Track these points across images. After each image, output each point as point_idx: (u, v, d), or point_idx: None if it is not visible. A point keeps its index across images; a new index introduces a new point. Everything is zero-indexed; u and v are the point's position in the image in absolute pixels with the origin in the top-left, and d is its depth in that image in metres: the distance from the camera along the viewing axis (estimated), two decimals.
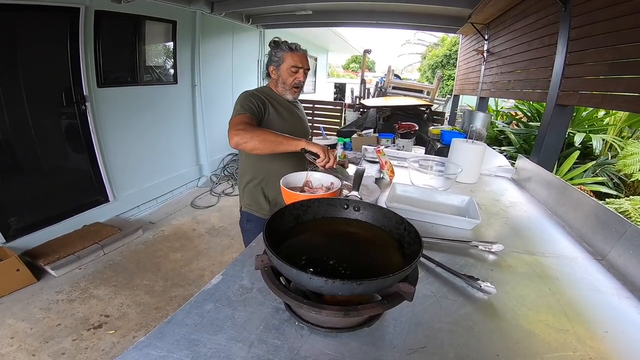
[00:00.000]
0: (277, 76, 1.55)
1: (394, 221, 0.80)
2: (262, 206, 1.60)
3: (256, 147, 1.24)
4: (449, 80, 12.93)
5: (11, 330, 2.15)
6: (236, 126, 1.28)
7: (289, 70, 1.51)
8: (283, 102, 1.58)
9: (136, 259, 3.03)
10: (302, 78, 1.56)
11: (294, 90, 1.57)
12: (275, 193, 1.56)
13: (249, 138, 1.23)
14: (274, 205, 1.59)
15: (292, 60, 1.50)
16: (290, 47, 1.51)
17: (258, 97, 1.47)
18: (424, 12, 4.42)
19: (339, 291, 0.55)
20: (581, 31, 1.97)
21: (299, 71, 1.53)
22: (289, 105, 1.61)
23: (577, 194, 1.35)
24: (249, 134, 1.23)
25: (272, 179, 1.55)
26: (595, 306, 0.84)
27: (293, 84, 1.54)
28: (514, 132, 3.94)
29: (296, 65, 1.51)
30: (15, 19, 2.69)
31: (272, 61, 1.54)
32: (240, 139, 1.23)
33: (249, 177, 1.60)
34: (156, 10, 3.80)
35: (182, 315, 0.70)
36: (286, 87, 1.55)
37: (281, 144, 1.24)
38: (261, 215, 1.60)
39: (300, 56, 1.53)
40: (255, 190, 1.59)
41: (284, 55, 1.50)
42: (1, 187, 2.77)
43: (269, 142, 1.23)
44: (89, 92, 3.23)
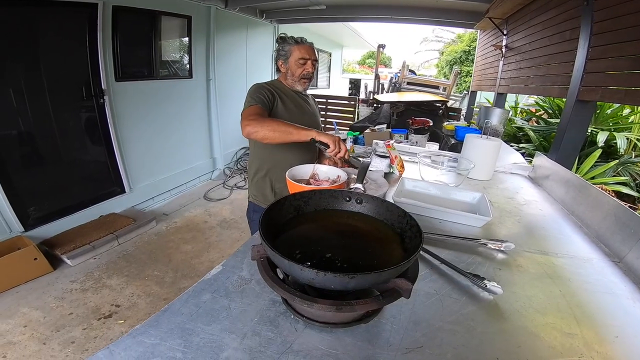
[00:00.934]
0: (285, 69, 1.59)
1: (397, 215, 0.77)
2: (267, 197, 1.63)
3: (267, 136, 1.27)
4: (467, 77, 12.68)
5: (25, 319, 2.21)
6: (248, 116, 1.32)
7: (297, 62, 1.55)
8: (292, 95, 1.60)
9: (148, 250, 3.09)
10: (311, 69, 1.58)
11: (304, 82, 1.60)
12: (282, 185, 1.57)
13: (259, 127, 1.26)
14: (280, 197, 1.58)
15: (300, 53, 1.54)
16: (297, 41, 1.55)
17: (267, 89, 1.50)
18: (440, 6, 4.33)
19: (330, 284, 0.53)
20: (603, 25, 1.90)
21: (307, 62, 1.56)
22: (298, 99, 1.63)
23: (596, 193, 1.29)
24: (260, 124, 1.27)
25: (279, 170, 1.56)
26: (608, 309, 0.79)
27: (302, 75, 1.57)
28: (533, 129, 3.82)
29: (303, 57, 1.54)
30: (37, 14, 2.76)
31: (280, 55, 1.59)
32: (252, 128, 1.27)
33: (256, 167, 1.63)
34: (171, 6, 3.85)
35: (179, 304, 0.70)
36: (295, 79, 1.58)
37: (291, 134, 1.26)
38: (266, 207, 1.60)
39: (306, 48, 1.55)
40: (262, 182, 1.62)
41: (291, 48, 1.54)
42: (22, 177, 2.86)
43: (279, 131, 1.26)
44: (107, 86, 3.30)
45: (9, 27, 2.62)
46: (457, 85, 10.84)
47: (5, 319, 2.20)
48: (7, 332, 2.11)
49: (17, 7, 2.61)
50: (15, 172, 2.80)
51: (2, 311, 2.27)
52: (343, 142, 1.26)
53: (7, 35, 2.61)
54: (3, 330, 2.11)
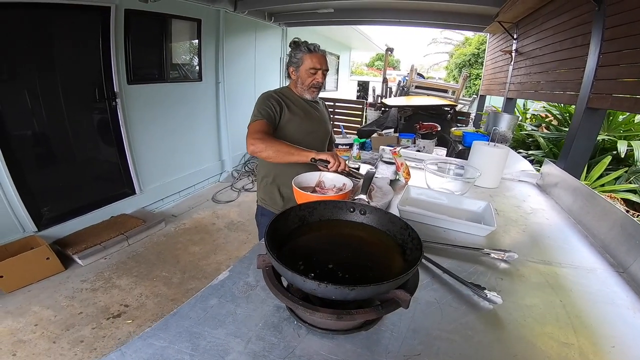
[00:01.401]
0: (296, 77, 1.59)
1: (399, 226, 0.79)
2: (276, 202, 1.65)
3: (270, 157, 1.33)
4: (477, 80, 12.57)
5: (36, 318, 2.26)
6: (253, 134, 1.37)
7: (308, 72, 1.55)
8: (301, 103, 1.62)
9: (157, 251, 3.14)
10: (321, 79, 1.59)
11: (313, 91, 1.61)
12: (289, 190, 1.59)
13: (263, 148, 1.33)
14: (287, 201, 1.64)
15: (311, 62, 1.54)
16: (309, 49, 1.54)
17: (276, 99, 1.53)
18: (449, 10, 4.31)
19: (332, 295, 0.55)
20: (616, 31, 1.88)
21: (318, 72, 1.57)
22: (308, 106, 1.64)
23: (604, 203, 1.28)
24: (264, 144, 1.33)
25: (286, 176, 1.57)
26: (607, 320, 0.80)
27: (311, 84, 1.58)
28: (543, 135, 3.79)
29: (315, 66, 1.54)
30: (51, 17, 2.83)
31: (291, 62, 1.58)
32: (256, 148, 1.34)
33: (264, 172, 1.66)
34: (182, 9, 3.91)
35: (187, 308, 0.73)
36: (304, 88, 1.59)
37: (292, 155, 1.32)
38: (274, 211, 1.65)
39: (319, 57, 1.55)
40: (271, 187, 1.65)
41: (303, 56, 1.54)
42: (36, 177, 2.93)
43: (281, 152, 1.32)
44: (120, 89, 3.36)
45: (25, 29, 2.68)
46: (467, 89, 10.77)
47: (17, 317, 2.24)
48: (18, 330, 2.14)
49: (33, 9, 2.67)
50: (29, 172, 2.87)
51: (14, 309, 2.31)
52: (338, 156, 1.30)
53: (23, 37, 2.68)
54: (14, 329, 2.15)
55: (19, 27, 2.64)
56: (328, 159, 1.27)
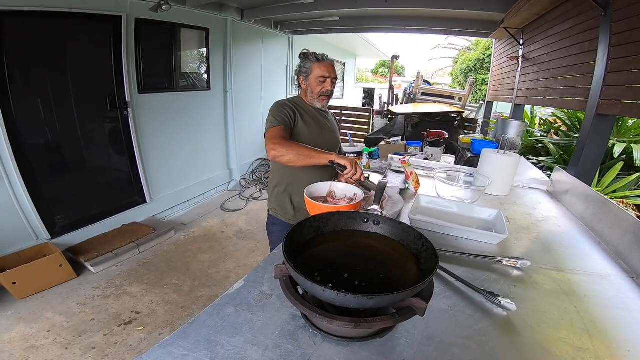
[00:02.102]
0: (306, 86, 1.63)
1: (413, 236, 0.81)
2: (287, 211, 1.67)
3: (292, 161, 1.34)
4: (483, 85, 12.55)
5: (49, 324, 2.29)
6: (273, 140, 1.39)
7: (317, 80, 1.59)
8: (312, 112, 1.65)
9: (167, 259, 3.17)
10: (330, 87, 1.62)
11: (322, 99, 1.64)
12: (301, 199, 1.60)
13: (285, 152, 1.34)
14: (298, 211, 1.66)
15: (320, 71, 1.58)
16: (318, 58, 1.59)
17: (289, 107, 1.56)
18: (454, 16, 4.33)
19: (350, 304, 0.56)
20: (623, 37, 1.87)
21: (327, 80, 1.60)
22: (318, 116, 1.67)
23: (616, 209, 1.28)
24: (285, 148, 1.34)
25: (298, 185, 1.59)
26: (622, 325, 0.80)
27: (321, 92, 1.61)
28: (552, 141, 3.76)
29: (323, 75, 1.58)
30: (64, 26, 2.89)
31: (301, 72, 1.63)
32: (278, 152, 1.35)
33: (276, 182, 1.68)
34: (190, 18, 3.98)
35: (204, 317, 0.74)
36: (314, 96, 1.63)
37: (313, 158, 1.33)
38: (286, 220, 1.67)
39: (327, 66, 1.59)
40: (282, 196, 1.66)
41: (312, 65, 1.58)
42: (50, 186, 2.99)
43: (302, 155, 1.33)
44: (131, 98, 3.43)
45: (38, 37, 2.75)
46: (473, 95, 10.75)
47: (30, 323, 2.28)
48: (30, 336, 2.17)
49: (45, 17, 2.73)
50: (42, 180, 2.92)
51: (27, 315, 2.35)
52: (357, 165, 1.30)
53: (36, 45, 2.74)
54: (27, 335, 2.18)
55: (32, 35, 2.70)
56: (346, 165, 1.28)
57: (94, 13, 3.01)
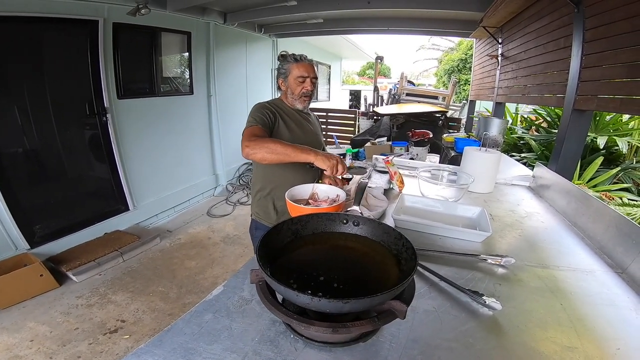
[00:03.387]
0: (286, 87, 1.61)
1: (393, 237, 0.79)
2: (270, 215, 1.63)
3: (265, 158, 1.28)
4: (466, 85, 12.74)
5: (31, 333, 2.23)
6: (248, 137, 1.34)
7: (296, 81, 1.56)
8: (294, 114, 1.62)
9: (153, 266, 3.10)
10: (310, 87, 1.59)
11: (303, 100, 1.61)
12: (284, 203, 1.57)
13: (258, 148, 1.28)
14: (281, 215, 1.61)
15: (298, 71, 1.55)
16: (296, 58, 1.56)
17: (269, 109, 1.52)
18: (435, 17, 4.39)
19: (326, 309, 0.54)
20: (596, 32, 1.89)
21: (306, 80, 1.57)
22: (300, 117, 1.64)
23: (597, 203, 1.29)
24: (259, 145, 1.29)
25: (281, 189, 1.54)
26: (610, 322, 0.79)
27: (301, 93, 1.58)
28: (534, 138, 3.83)
29: (302, 75, 1.55)
30: (39, 31, 2.82)
31: (280, 74, 1.60)
32: (251, 149, 1.29)
33: (259, 186, 1.65)
34: (171, 22, 3.93)
35: (182, 324, 0.72)
36: (295, 97, 1.60)
37: (289, 156, 1.26)
38: (268, 224, 1.63)
39: (305, 66, 1.56)
40: (265, 200, 1.63)
41: (290, 66, 1.56)
42: (27, 195, 2.90)
43: (276, 153, 1.27)
44: (110, 104, 3.35)
45: (13, 44, 2.67)
46: (457, 94, 10.91)
47: (12, 333, 2.22)
48: (13, 345, 2.12)
49: (20, 23, 2.66)
50: (20, 189, 2.84)
51: (9, 325, 2.29)
52: (342, 161, 1.26)
53: (11, 52, 2.66)
54: (10, 344, 2.13)
55: (6, 41, 2.63)
56: (325, 169, 1.23)
57: (70, 18, 2.94)
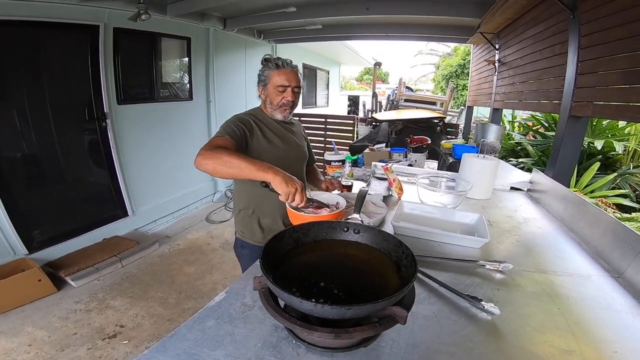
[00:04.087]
0: (265, 96, 1.48)
1: (393, 244, 0.81)
2: (255, 234, 1.53)
3: (216, 170, 1.12)
4: (464, 90, 12.81)
5: (29, 338, 2.23)
6: (206, 146, 1.18)
7: (276, 90, 1.43)
8: (274, 125, 1.50)
9: (152, 272, 3.10)
10: (290, 98, 1.45)
11: (283, 110, 1.48)
12: (269, 221, 1.52)
13: (210, 159, 1.11)
14: (267, 232, 1.52)
15: (279, 79, 1.42)
16: (277, 64, 1.42)
17: (246, 121, 1.39)
18: (433, 23, 4.43)
19: (329, 315, 0.56)
20: (592, 39, 1.91)
21: (287, 90, 1.43)
22: (281, 128, 1.52)
23: (594, 209, 1.31)
24: (213, 155, 1.12)
25: (265, 207, 1.49)
26: (607, 325, 0.81)
27: (280, 103, 1.46)
28: (531, 143, 3.86)
29: (282, 84, 1.42)
30: (40, 35, 2.83)
31: (260, 81, 1.48)
32: (202, 158, 1.12)
33: (242, 205, 1.54)
34: (171, 28, 3.95)
35: (185, 330, 0.73)
36: (274, 107, 1.47)
37: (242, 171, 1.09)
38: (255, 243, 1.54)
39: (287, 73, 1.42)
40: (249, 219, 1.53)
41: (270, 73, 1.43)
42: (26, 200, 2.90)
43: (229, 166, 1.10)
44: (110, 109, 3.36)
45: (14, 47, 2.68)
46: (455, 99, 10.97)
47: (10, 338, 2.22)
48: (11, 350, 2.12)
49: (21, 27, 2.67)
50: (19, 194, 2.84)
51: (7, 330, 2.29)
52: (301, 192, 1.08)
53: (11, 55, 2.67)
54: (8, 349, 2.13)
55: (7, 45, 2.64)
56: (280, 194, 1.07)
57: (71, 22, 2.96)
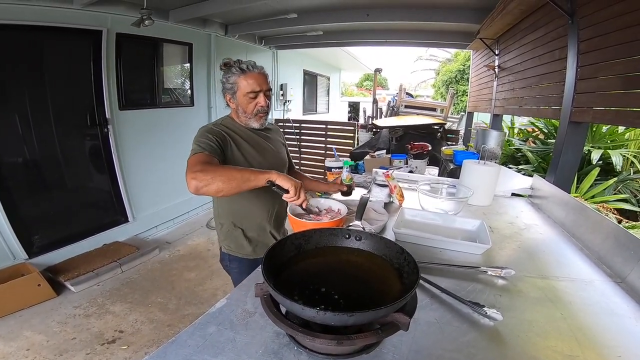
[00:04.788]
0: (235, 105, 1.37)
1: (395, 251, 0.81)
2: (243, 247, 1.45)
3: (221, 189, 1.04)
4: (464, 96, 12.85)
5: (28, 342, 2.22)
6: (193, 167, 1.08)
7: (247, 97, 1.32)
8: (248, 134, 1.40)
9: (152, 277, 3.09)
10: (264, 102, 1.36)
11: (259, 117, 1.39)
12: (255, 233, 1.46)
13: (210, 179, 1.04)
14: (255, 245, 1.46)
15: (248, 85, 1.31)
16: (242, 69, 1.31)
17: (217, 133, 1.30)
18: (433, 29, 4.46)
19: (331, 322, 0.56)
20: (591, 44, 1.90)
21: (259, 95, 1.34)
22: (256, 137, 1.42)
23: (595, 215, 1.31)
24: (209, 175, 1.04)
25: (248, 218, 1.44)
26: (610, 330, 0.81)
27: (255, 111, 1.36)
28: (531, 149, 3.86)
29: (253, 89, 1.32)
30: (42, 40, 2.85)
31: (226, 89, 1.36)
32: (199, 182, 1.04)
33: (223, 220, 1.46)
34: (173, 33, 3.98)
35: (185, 336, 0.72)
36: (249, 116, 1.37)
37: (249, 180, 1.05)
38: (244, 256, 1.46)
39: (255, 77, 1.32)
40: (235, 232, 1.45)
41: (237, 80, 1.32)
42: (27, 205, 2.90)
43: (234, 180, 1.05)
44: (111, 115, 3.38)
45: (16, 52, 2.70)
46: (454, 106, 11.01)
47: (8, 342, 2.21)
48: (9, 354, 2.11)
49: (23, 32, 2.69)
50: (19, 199, 2.85)
51: (5, 334, 2.28)
52: (302, 189, 1.10)
53: (13, 60, 2.69)
54: (6, 353, 2.12)
55: (9, 49, 2.65)
56: (289, 189, 1.06)
57: (74, 27, 2.98)
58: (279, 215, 1.50)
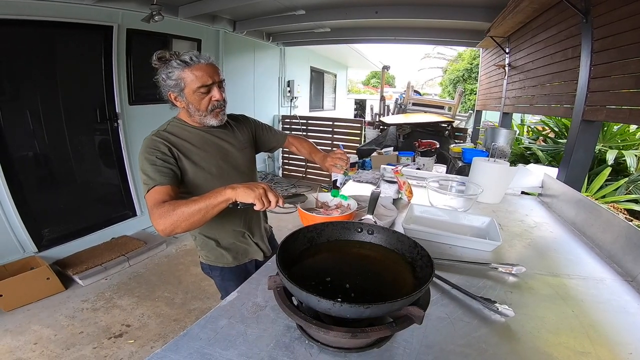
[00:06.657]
0: (185, 104, 1.19)
1: (408, 245, 0.80)
2: (223, 256, 1.36)
3: (189, 227, 1.01)
4: (471, 95, 12.75)
5: (35, 336, 2.25)
6: (153, 213, 1.01)
7: (198, 93, 1.16)
8: (200, 137, 1.25)
9: (159, 272, 3.11)
10: (219, 96, 1.19)
11: (216, 113, 1.22)
12: (231, 238, 1.36)
13: (174, 224, 0.98)
14: (235, 252, 1.37)
15: (196, 79, 1.14)
16: (185, 62, 1.13)
17: (160, 151, 1.15)
18: (442, 26, 4.43)
19: (347, 314, 0.56)
20: (605, 42, 1.89)
21: (212, 88, 1.18)
22: (211, 137, 1.27)
23: (606, 214, 1.29)
24: (169, 220, 0.98)
25: (220, 229, 1.34)
26: (621, 327, 0.80)
27: (211, 107, 1.20)
28: (541, 148, 3.82)
29: (204, 83, 1.14)
30: (53, 35, 2.88)
31: (168, 86, 1.17)
32: (167, 227, 0.99)
33: (195, 233, 1.35)
34: (182, 29, 4.01)
35: (197, 329, 0.73)
36: (204, 114, 1.21)
37: (211, 207, 0.98)
38: (225, 265, 1.37)
39: (203, 69, 1.14)
40: (208, 243, 1.35)
41: (181, 74, 1.14)
42: (37, 199, 2.94)
43: (195, 215, 0.98)
44: (122, 109, 3.41)
45: (27, 47, 2.73)
46: (462, 104, 10.92)
47: (16, 336, 2.24)
48: (17, 348, 2.14)
49: (34, 27, 2.71)
50: (30, 193, 2.88)
51: (13, 328, 2.31)
52: (270, 189, 1.00)
53: (25, 56, 2.72)
54: (13, 347, 2.15)
55: (20, 45, 2.68)
56: (252, 201, 0.96)
57: (85, 23, 3.00)
58: (252, 217, 1.41)
